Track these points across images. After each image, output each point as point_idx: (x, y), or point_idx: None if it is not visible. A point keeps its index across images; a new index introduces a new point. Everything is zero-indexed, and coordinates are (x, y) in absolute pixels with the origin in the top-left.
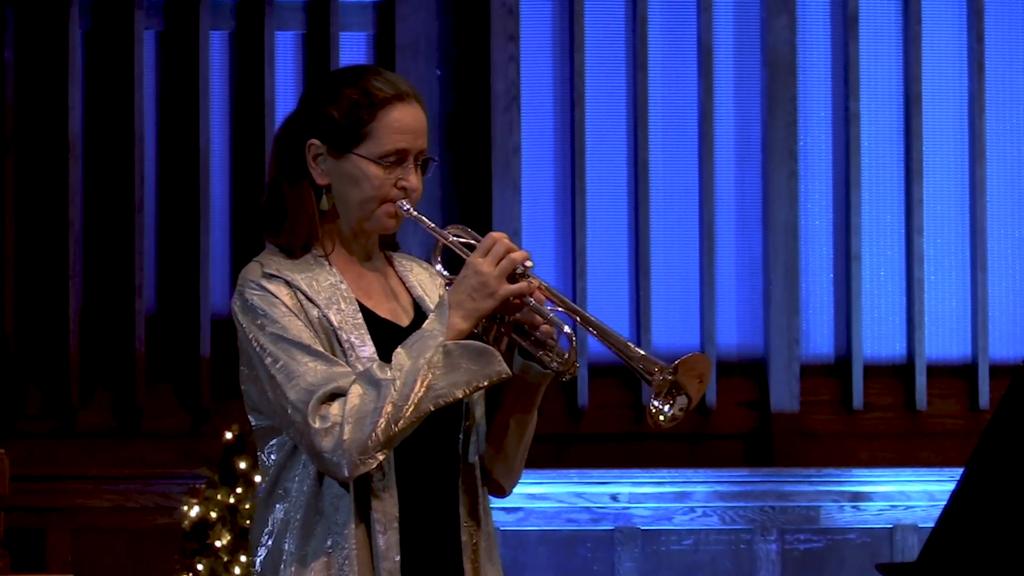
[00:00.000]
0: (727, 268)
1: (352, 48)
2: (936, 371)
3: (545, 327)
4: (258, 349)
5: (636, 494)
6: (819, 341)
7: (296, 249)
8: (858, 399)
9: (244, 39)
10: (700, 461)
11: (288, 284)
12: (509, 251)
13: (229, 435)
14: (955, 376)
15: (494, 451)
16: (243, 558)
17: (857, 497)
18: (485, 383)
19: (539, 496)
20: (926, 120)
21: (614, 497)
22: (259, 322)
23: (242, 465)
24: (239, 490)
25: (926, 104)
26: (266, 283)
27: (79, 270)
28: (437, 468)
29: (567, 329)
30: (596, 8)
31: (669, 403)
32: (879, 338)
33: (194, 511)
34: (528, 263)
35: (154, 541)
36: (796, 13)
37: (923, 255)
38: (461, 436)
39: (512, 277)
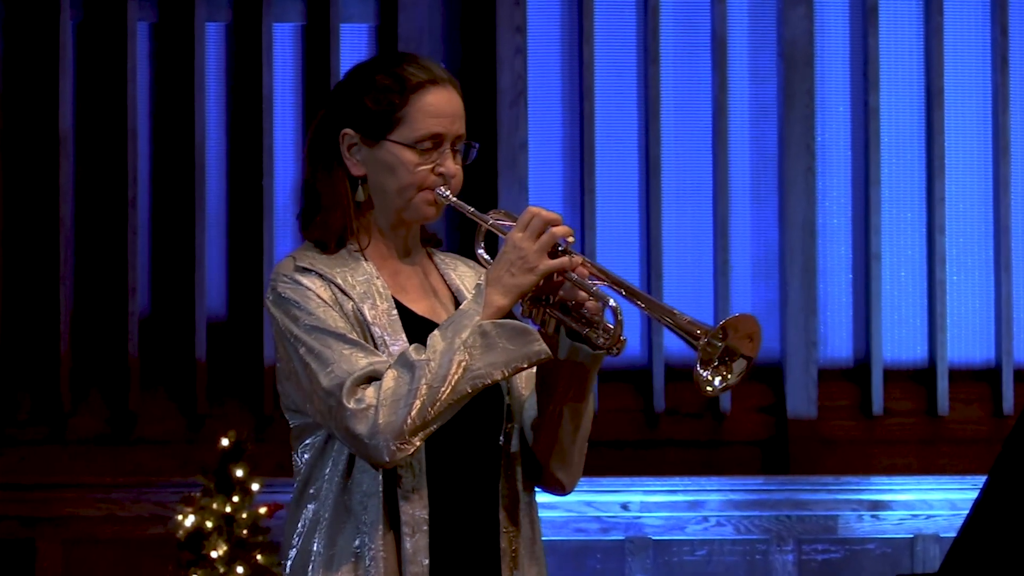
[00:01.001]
0: (742, 268)
1: (353, 40)
2: (958, 375)
3: (591, 303)
4: (292, 340)
5: (648, 503)
6: (837, 344)
7: (330, 243)
8: (878, 404)
9: (241, 31)
10: (714, 469)
11: (321, 277)
12: (549, 225)
13: (225, 441)
14: (978, 380)
15: (549, 445)
16: (239, 569)
17: (876, 506)
18: (525, 364)
19: (547, 505)
20: (948, 115)
21: (625, 506)
22: (293, 313)
23: (239, 473)
24: (235, 499)
25: (948, 98)
26: (299, 276)
27: (70, 270)
28: (474, 470)
29: (612, 303)
30: None
31: (723, 373)
32: (899, 341)
33: (189, 520)
34: (570, 238)
35: (148, 551)
36: (813, 4)
37: (945, 255)
38: (502, 437)
39: (553, 253)
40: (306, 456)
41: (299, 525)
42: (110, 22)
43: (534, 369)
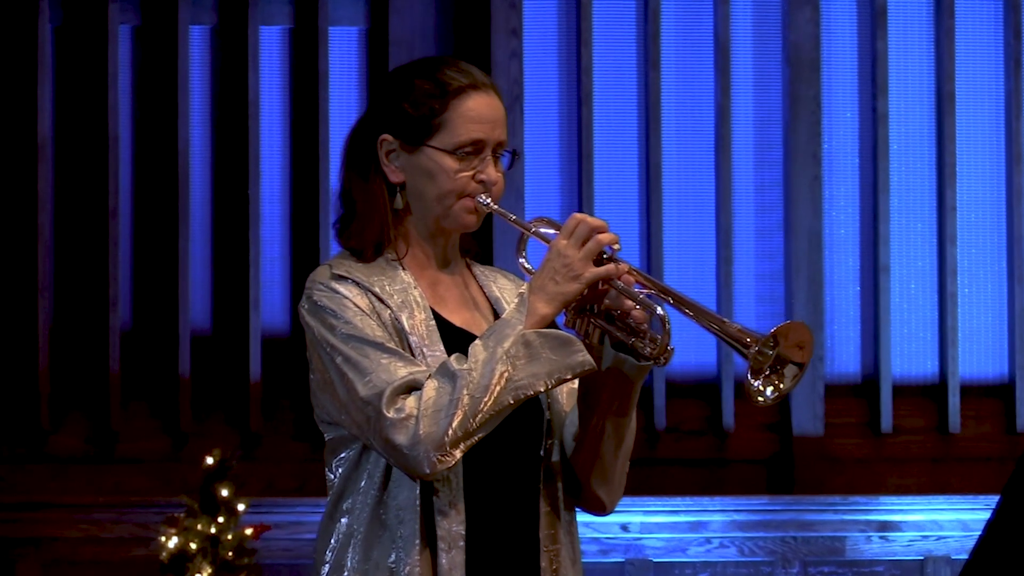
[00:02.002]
0: (745, 280)
1: (342, 44)
2: (970, 391)
3: (637, 312)
4: (329, 350)
5: (648, 524)
6: (845, 359)
7: (367, 251)
8: (886, 421)
9: (226, 34)
10: (717, 488)
11: (358, 285)
12: (595, 231)
13: (210, 460)
14: (991, 396)
15: (590, 461)
16: None
17: (885, 527)
18: (568, 375)
19: None
20: (959, 120)
21: (624, 527)
22: (329, 322)
23: (224, 492)
24: (220, 519)
25: (959, 103)
26: (335, 284)
27: (49, 282)
28: (513, 486)
29: (660, 311)
30: (604, 0)
31: (774, 382)
32: (909, 356)
33: (172, 542)
34: (616, 245)
35: (130, 574)
36: (820, 6)
37: (956, 266)
38: (543, 452)
39: (598, 260)
40: (340, 470)
41: (332, 540)
42: (90, 25)
43: (576, 382)
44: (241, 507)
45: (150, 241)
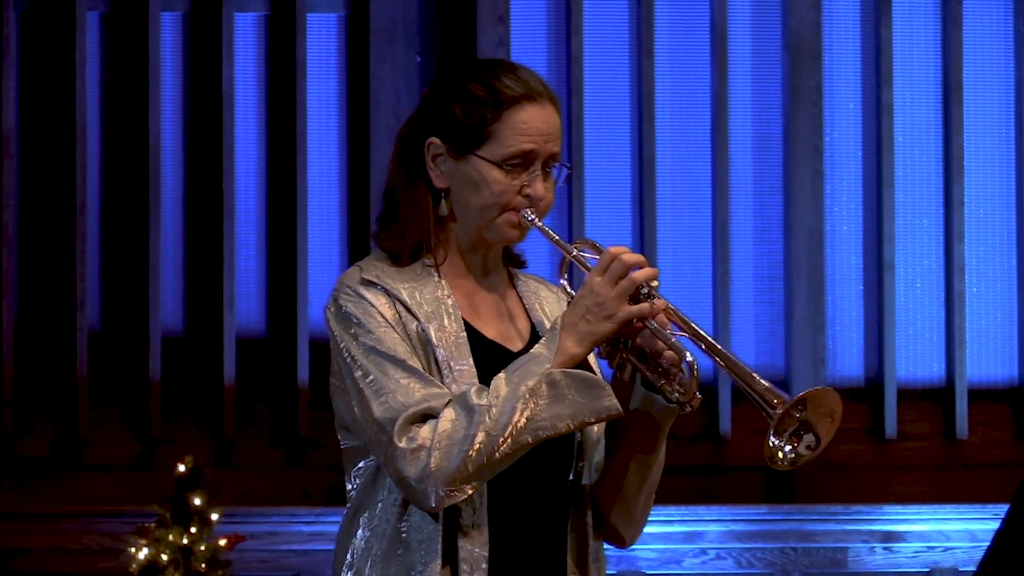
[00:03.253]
0: (744, 278)
1: (321, 31)
2: (978, 395)
3: (669, 353)
4: (348, 360)
5: (641, 534)
6: (847, 361)
7: (403, 255)
8: (891, 427)
9: (200, 21)
10: (713, 497)
11: (387, 293)
12: (631, 268)
13: (182, 467)
14: (1000, 400)
15: (612, 495)
16: None
17: (890, 537)
18: (592, 419)
19: None
20: (967, 112)
21: None
22: (352, 331)
23: (196, 501)
24: (193, 529)
25: (967, 94)
26: (363, 290)
27: (13, 281)
28: (540, 509)
29: (689, 357)
30: None
31: (793, 443)
32: (914, 358)
33: (143, 553)
34: (653, 282)
35: None
36: None
37: (964, 264)
38: (572, 475)
39: (635, 296)
40: (358, 481)
41: (349, 555)
42: (57, 12)
43: None
44: (214, 516)
45: (119, 238)
